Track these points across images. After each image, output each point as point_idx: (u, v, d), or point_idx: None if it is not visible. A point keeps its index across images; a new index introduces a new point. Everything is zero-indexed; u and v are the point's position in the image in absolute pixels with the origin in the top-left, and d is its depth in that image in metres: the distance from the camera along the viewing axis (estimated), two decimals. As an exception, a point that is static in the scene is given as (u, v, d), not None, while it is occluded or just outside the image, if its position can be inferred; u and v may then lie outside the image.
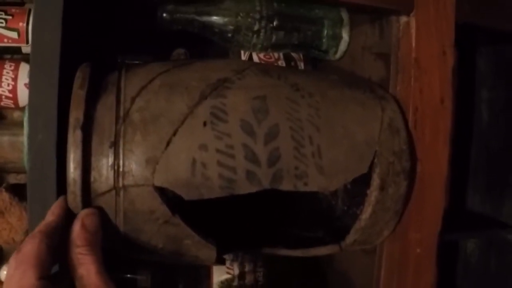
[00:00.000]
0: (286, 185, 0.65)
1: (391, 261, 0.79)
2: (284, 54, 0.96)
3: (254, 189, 0.64)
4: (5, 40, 0.85)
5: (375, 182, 0.70)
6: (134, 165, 0.62)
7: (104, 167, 0.63)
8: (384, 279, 0.79)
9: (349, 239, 0.73)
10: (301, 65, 0.96)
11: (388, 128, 0.72)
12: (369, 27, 0.86)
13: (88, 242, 0.58)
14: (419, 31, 0.76)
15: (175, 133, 0.63)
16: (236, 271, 0.98)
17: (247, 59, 0.93)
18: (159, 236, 0.65)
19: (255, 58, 0.94)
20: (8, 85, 0.86)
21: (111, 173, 0.63)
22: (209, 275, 0.99)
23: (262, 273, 0.99)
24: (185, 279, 1.00)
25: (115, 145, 0.63)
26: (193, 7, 0.86)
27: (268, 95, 0.67)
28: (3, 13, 0.85)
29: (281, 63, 0.94)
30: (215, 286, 0.98)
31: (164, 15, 0.85)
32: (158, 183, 0.62)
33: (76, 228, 0.59)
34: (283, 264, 1.03)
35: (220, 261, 0.69)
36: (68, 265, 0.58)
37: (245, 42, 0.86)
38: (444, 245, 0.84)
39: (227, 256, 0.97)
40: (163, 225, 0.64)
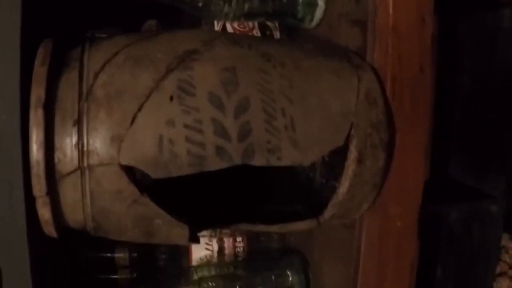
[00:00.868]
0: (258, 160, 0.63)
1: (371, 235, 0.77)
2: (259, 23, 0.93)
3: (224, 165, 0.61)
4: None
5: (352, 154, 0.68)
6: (99, 143, 0.60)
7: (68, 146, 0.60)
8: (364, 253, 0.78)
9: (327, 213, 0.71)
10: (277, 34, 0.94)
11: (365, 99, 0.69)
12: (345, -7, 0.83)
13: None
14: (397, -4, 0.73)
15: (140, 109, 0.60)
16: (215, 247, 0.97)
17: (220, 28, 0.91)
18: (128, 216, 0.63)
19: (228, 28, 0.92)
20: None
21: (75, 152, 0.60)
22: (188, 251, 0.98)
23: (242, 247, 0.98)
24: (164, 256, 0.99)
25: (78, 123, 0.60)
26: (162, -24, 0.82)
27: (237, 66, 0.64)
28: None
29: (256, 32, 0.92)
30: (194, 262, 0.97)
31: (133, -15, 0.82)
32: (124, 162, 0.60)
33: None
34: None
35: (194, 240, 0.67)
36: None
37: (217, 11, 0.84)
38: (427, 216, 0.82)
39: (205, 232, 0.96)
40: (131, 205, 0.62)
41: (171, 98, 0.61)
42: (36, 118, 0.59)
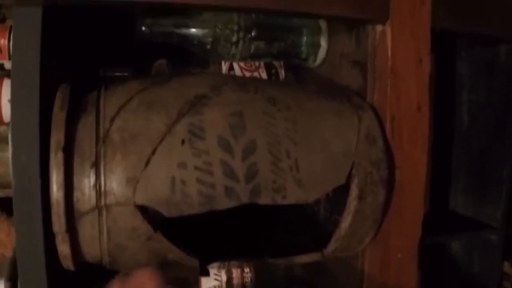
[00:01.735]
0: (264, 199, 0.66)
1: (373, 267, 0.80)
2: (265, 63, 0.96)
3: (233, 204, 0.65)
4: (-13, 57, 0.85)
5: (353, 192, 0.71)
6: (115, 184, 0.64)
7: (86, 187, 0.64)
8: (366, 284, 0.81)
9: (330, 247, 0.74)
10: (282, 72, 0.97)
11: (365, 138, 0.73)
12: (346, 35, 0.86)
13: None
14: (395, 39, 0.77)
15: (154, 152, 0.64)
16: (224, 277, 0.99)
17: (228, 68, 0.94)
18: (142, 252, 0.66)
19: (235, 67, 0.94)
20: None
21: (93, 192, 0.64)
22: (198, 282, 1.00)
23: (249, 278, 1.00)
24: (173, 286, 1.01)
25: (96, 165, 0.64)
26: (171, 20, 0.86)
27: (244, 110, 0.68)
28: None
29: (262, 71, 0.95)
30: None
31: (143, 28, 0.86)
32: (139, 202, 0.63)
33: None
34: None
35: (205, 273, 0.70)
36: None
37: (224, 53, 0.87)
38: (428, 247, 0.84)
39: (214, 264, 0.98)
40: (146, 241, 0.65)
41: (183, 142, 0.65)
42: (56, 160, 0.63)
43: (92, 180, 0.64)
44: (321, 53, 0.91)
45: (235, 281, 0.99)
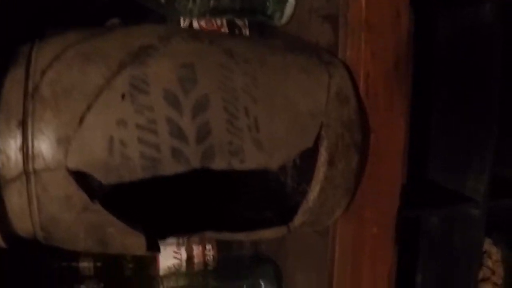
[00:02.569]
0: (219, 163, 0.59)
1: (345, 242, 0.74)
2: (228, 21, 0.90)
3: (181, 168, 0.57)
4: None
5: (322, 156, 0.64)
6: (45, 146, 0.56)
7: (12, 149, 0.56)
8: (338, 261, 0.75)
9: (297, 220, 0.68)
10: (246, 32, 0.91)
11: (336, 97, 0.65)
12: (316, -13, 0.79)
13: None
14: (370, -11, 0.69)
15: (89, 108, 0.56)
16: (184, 255, 0.94)
17: (186, 27, 0.87)
18: (79, 224, 0.59)
19: (195, 26, 0.88)
20: None
21: (19, 156, 0.56)
22: (155, 260, 0.94)
23: (211, 256, 0.95)
24: (131, 266, 0.96)
25: (23, 124, 0.56)
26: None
27: (196, 62, 0.60)
28: None
29: (224, 30, 0.89)
30: (162, 271, 0.94)
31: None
32: (72, 166, 0.55)
33: None
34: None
35: (154, 249, 0.63)
36: None
37: (181, 8, 0.80)
38: (407, 221, 0.80)
39: (173, 240, 0.93)
40: (82, 212, 0.57)
41: (123, 97, 0.57)
42: (-22, 118, 0.54)
43: (19, 141, 0.56)
44: (288, 9, 0.84)
45: (196, 260, 0.95)
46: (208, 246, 0.95)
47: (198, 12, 0.81)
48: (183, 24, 0.88)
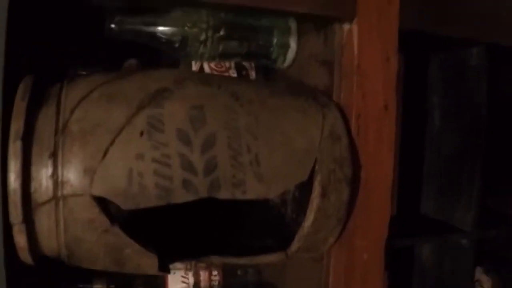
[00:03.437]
0: (223, 194, 0.66)
1: (338, 268, 0.80)
2: (236, 63, 0.96)
3: (190, 197, 0.64)
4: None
5: (316, 189, 0.71)
6: (73, 175, 0.63)
7: (43, 177, 0.63)
8: (332, 285, 0.80)
9: (293, 246, 0.74)
10: (253, 74, 0.97)
11: (329, 135, 0.72)
12: (315, 35, 0.86)
13: None
14: (362, 38, 0.77)
15: (112, 143, 0.63)
16: (191, 280, 0.98)
17: (198, 69, 0.93)
18: (99, 245, 0.65)
19: (206, 68, 0.94)
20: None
21: (50, 183, 0.63)
22: (165, 283, 0.99)
23: (217, 281, 0.99)
24: (141, 289, 1.00)
25: (54, 155, 0.63)
26: (140, 18, 0.85)
27: (205, 104, 0.68)
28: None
29: (232, 72, 0.95)
30: None
31: (112, 26, 0.85)
32: (96, 193, 0.63)
33: None
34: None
35: (164, 270, 0.69)
36: None
37: (193, 51, 0.87)
38: (399, 250, 0.83)
39: (181, 265, 0.97)
40: (102, 234, 0.64)
41: (141, 134, 0.64)
42: (14, 149, 0.62)
43: (50, 170, 0.63)
44: (290, 53, 0.91)
45: (202, 284, 0.99)
46: (214, 272, 1.00)
47: (209, 56, 0.88)
48: (195, 66, 0.94)
